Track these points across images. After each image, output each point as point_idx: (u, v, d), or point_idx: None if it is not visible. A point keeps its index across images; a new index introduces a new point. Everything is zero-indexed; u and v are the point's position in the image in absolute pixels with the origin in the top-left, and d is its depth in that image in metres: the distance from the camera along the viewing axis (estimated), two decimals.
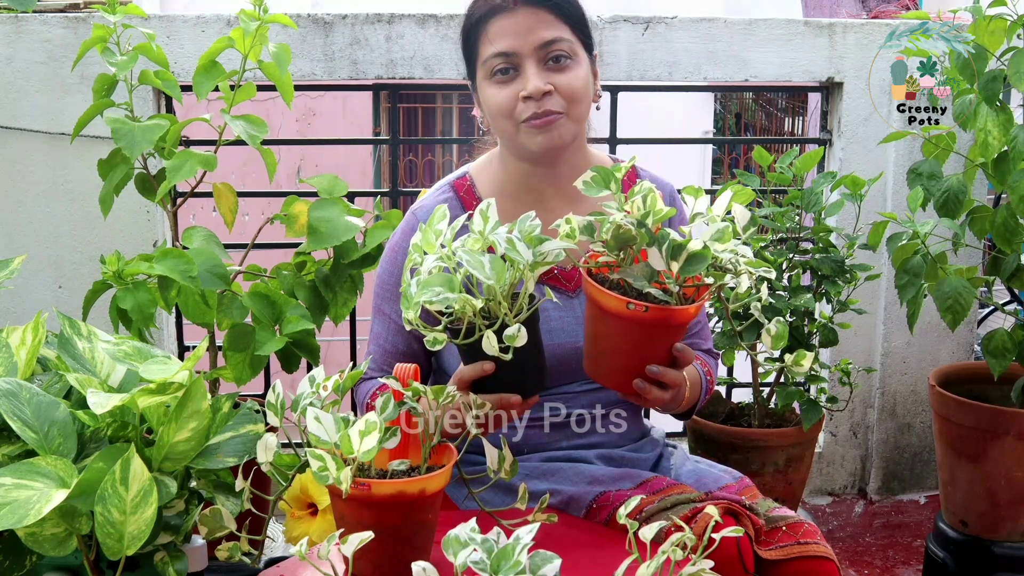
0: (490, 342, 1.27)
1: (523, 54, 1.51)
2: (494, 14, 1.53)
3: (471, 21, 1.57)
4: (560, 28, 1.53)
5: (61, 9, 2.60)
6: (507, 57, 1.52)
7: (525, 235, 1.30)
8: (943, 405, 2.37)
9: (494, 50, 1.52)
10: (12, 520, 1.24)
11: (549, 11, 1.52)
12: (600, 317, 1.36)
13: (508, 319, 1.29)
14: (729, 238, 1.31)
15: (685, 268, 1.29)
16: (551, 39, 1.51)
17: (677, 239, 1.30)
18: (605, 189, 1.34)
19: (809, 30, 2.77)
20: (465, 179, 1.67)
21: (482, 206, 1.33)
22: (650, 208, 1.32)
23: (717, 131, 10.09)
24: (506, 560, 1.06)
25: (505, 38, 1.52)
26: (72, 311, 2.43)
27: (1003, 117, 2.13)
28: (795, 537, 1.49)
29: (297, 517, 1.84)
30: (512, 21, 1.51)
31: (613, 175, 1.34)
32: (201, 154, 1.97)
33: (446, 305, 1.27)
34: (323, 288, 2.13)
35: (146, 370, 1.38)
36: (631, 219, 1.31)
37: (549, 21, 1.52)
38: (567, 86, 1.52)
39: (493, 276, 1.25)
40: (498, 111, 1.54)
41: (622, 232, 1.31)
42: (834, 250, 2.43)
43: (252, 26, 1.98)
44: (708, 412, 2.51)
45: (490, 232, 1.30)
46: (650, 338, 1.36)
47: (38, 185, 2.58)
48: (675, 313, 1.32)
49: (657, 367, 1.37)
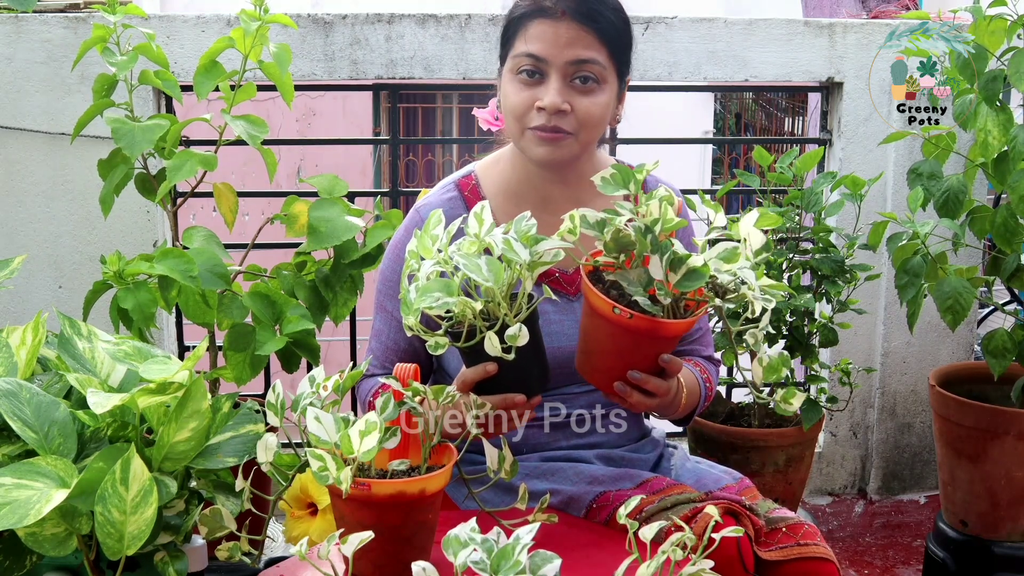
0: (492, 343, 1.27)
1: (553, 63, 1.50)
2: (539, 15, 1.52)
3: (516, 13, 1.56)
4: (598, 50, 1.51)
5: (61, 9, 2.60)
6: (536, 61, 1.51)
7: (521, 235, 1.30)
8: (943, 405, 2.37)
9: (527, 49, 1.51)
10: (12, 520, 1.24)
11: (592, 31, 1.50)
12: (590, 315, 1.36)
13: (508, 319, 1.29)
14: (737, 259, 1.29)
15: (682, 282, 1.28)
16: (584, 59, 1.50)
17: (680, 251, 1.29)
18: (623, 189, 1.32)
19: (809, 30, 2.77)
20: (470, 178, 1.67)
21: (476, 208, 1.32)
22: (662, 215, 1.31)
23: (717, 131, 10.09)
24: (506, 560, 1.06)
25: (541, 42, 1.51)
26: (72, 311, 2.44)
27: (1003, 117, 2.13)
28: (795, 538, 1.49)
29: (297, 517, 1.84)
30: (553, 29, 1.50)
31: (634, 175, 1.32)
32: (201, 154, 1.97)
33: (446, 309, 1.27)
34: (323, 288, 2.13)
35: (146, 370, 1.38)
36: (638, 223, 1.30)
37: (589, 41, 1.50)
38: (584, 111, 1.51)
39: (491, 278, 1.25)
40: (511, 110, 1.54)
41: (621, 236, 1.31)
42: (834, 250, 2.43)
43: (252, 26, 1.98)
44: (708, 412, 2.51)
45: (486, 234, 1.30)
46: (635, 345, 1.35)
47: (38, 185, 2.58)
48: (661, 325, 1.30)
49: (639, 374, 1.36)
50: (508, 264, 1.28)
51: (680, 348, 1.69)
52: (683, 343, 1.69)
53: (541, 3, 1.52)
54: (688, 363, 1.64)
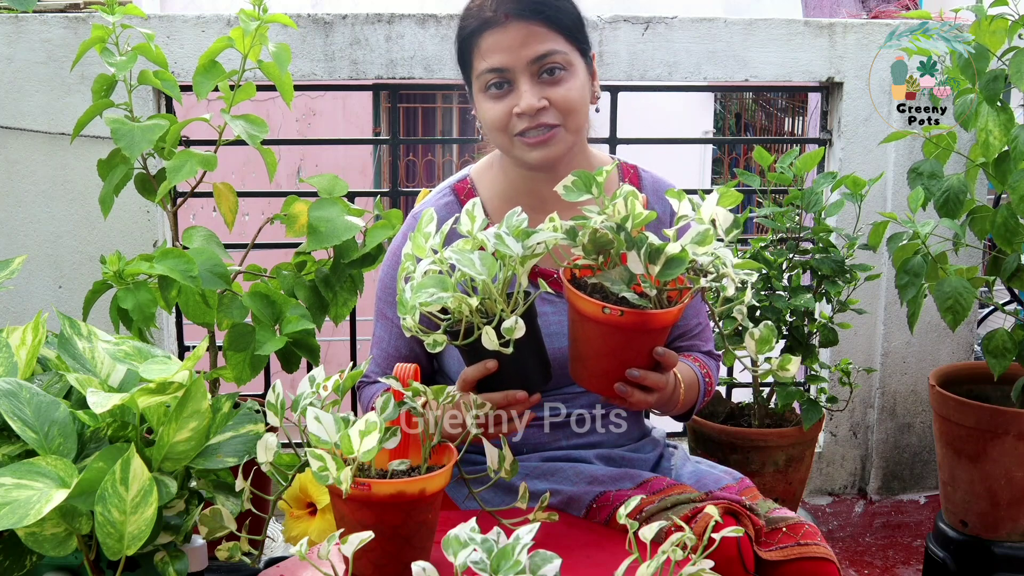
0: (489, 337, 1.27)
1: (516, 69, 1.50)
2: (486, 28, 1.52)
3: (464, 34, 1.56)
4: (553, 40, 1.51)
5: (61, 9, 2.60)
6: (500, 73, 1.51)
7: (513, 229, 1.30)
8: (943, 405, 2.37)
9: (487, 65, 1.51)
10: (12, 520, 1.24)
11: (541, 23, 1.50)
12: (579, 321, 1.35)
13: (505, 314, 1.29)
14: (710, 241, 1.29)
15: (663, 272, 1.28)
16: (544, 52, 1.50)
17: (655, 243, 1.29)
18: (586, 193, 1.32)
19: (809, 30, 2.77)
20: (466, 182, 1.67)
21: (468, 206, 1.32)
22: (630, 211, 1.31)
23: (717, 131, 10.09)
24: (506, 560, 1.06)
25: (497, 54, 1.50)
26: (72, 311, 2.44)
27: (1004, 117, 2.13)
28: (795, 538, 1.49)
29: (297, 517, 1.84)
30: (504, 36, 1.50)
31: (594, 179, 1.32)
32: (201, 154, 1.97)
33: (442, 306, 1.27)
34: (323, 288, 2.13)
35: (146, 370, 1.37)
36: (611, 223, 1.30)
37: (541, 34, 1.50)
38: (562, 99, 1.51)
39: (484, 271, 1.25)
40: (492, 126, 1.54)
41: (599, 236, 1.31)
42: (834, 250, 2.43)
43: (252, 26, 1.98)
44: (708, 412, 2.51)
45: (478, 230, 1.30)
46: (628, 342, 1.34)
47: (38, 185, 2.58)
48: (652, 317, 1.30)
49: (638, 371, 1.36)
50: (502, 259, 1.28)
51: (679, 344, 1.69)
52: (682, 339, 1.69)
53: (482, 15, 1.52)
54: (687, 359, 1.64)
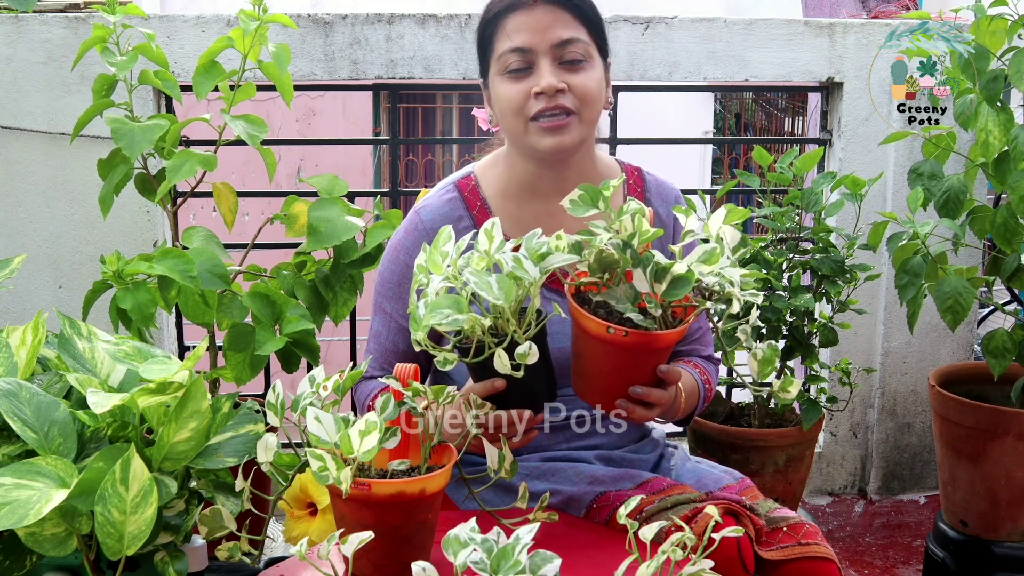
0: (502, 361, 1.27)
1: (539, 51, 1.51)
2: (513, 9, 1.53)
3: (489, 15, 1.56)
4: (577, 29, 1.52)
5: (61, 9, 2.60)
6: (523, 53, 1.51)
7: (532, 253, 1.29)
8: (943, 405, 2.37)
9: (510, 45, 1.52)
10: (12, 520, 1.24)
11: (568, 11, 1.52)
12: (583, 338, 1.34)
13: (517, 336, 1.28)
14: (717, 260, 1.28)
15: (669, 291, 1.27)
16: (568, 39, 1.51)
17: (661, 261, 1.28)
18: (593, 208, 1.31)
19: (809, 30, 2.77)
20: (470, 179, 1.67)
21: (487, 225, 1.31)
22: (637, 228, 1.30)
23: (717, 131, 10.09)
24: (506, 560, 1.06)
25: (522, 34, 1.51)
26: (72, 311, 2.44)
27: (1004, 117, 2.13)
28: (796, 538, 1.49)
29: (297, 517, 1.83)
30: (531, 17, 1.51)
31: (601, 193, 1.31)
32: (201, 154, 1.97)
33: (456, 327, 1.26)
34: (323, 288, 2.13)
35: (146, 370, 1.37)
36: (617, 240, 1.29)
37: (567, 21, 1.52)
38: (581, 86, 1.52)
39: (502, 296, 1.24)
40: (509, 107, 1.53)
41: (604, 256, 1.30)
42: (834, 250, 2.43)
43: (252, 26, 1.98)
44: (708, 412, 2.51)
45: (496, 251, 1.29)
46: (632, 361, 1.34)
47: (38, 185, 2.58)
48: (656, 338, 1.30)
49: (641, 388, 1.36)
50: (517, 281, 1.27)
51: (680, 348, 1.69)
52: (682, 344, 1.69)
53: None
54: (687, 365, 1.64)
